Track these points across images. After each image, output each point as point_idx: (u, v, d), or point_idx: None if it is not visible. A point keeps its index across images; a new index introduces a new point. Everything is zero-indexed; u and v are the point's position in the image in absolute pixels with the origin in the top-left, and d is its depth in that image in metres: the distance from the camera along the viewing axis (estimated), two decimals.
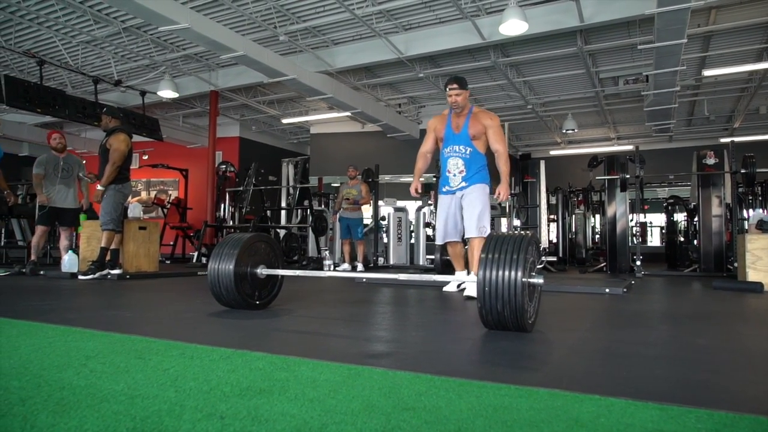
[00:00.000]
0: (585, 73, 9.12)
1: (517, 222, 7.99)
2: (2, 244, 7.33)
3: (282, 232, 9.95)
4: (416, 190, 3.80)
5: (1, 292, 3.78)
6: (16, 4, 6.80)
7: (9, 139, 11.74)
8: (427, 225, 8.83)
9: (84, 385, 1.28)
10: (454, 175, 3.69)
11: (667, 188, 13.34)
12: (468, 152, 3.65)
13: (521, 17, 6.12)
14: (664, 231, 11.42)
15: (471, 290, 3.51)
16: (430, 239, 8.74)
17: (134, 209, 5.80)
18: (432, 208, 8.12)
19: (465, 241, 3.81)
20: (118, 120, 5.25)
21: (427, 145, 3.91)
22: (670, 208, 9.10)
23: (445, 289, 3.98)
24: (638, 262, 6.57)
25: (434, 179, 7.18)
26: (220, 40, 6.65)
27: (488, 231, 3.59)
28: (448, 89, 3.65)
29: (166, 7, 5.96)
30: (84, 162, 5.89)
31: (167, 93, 9.09)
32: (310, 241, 9.56)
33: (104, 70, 9.16)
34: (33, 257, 5.68)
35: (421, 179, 3.91)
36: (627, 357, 1.77)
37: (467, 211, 3.65)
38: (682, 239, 9.02)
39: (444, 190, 3.81)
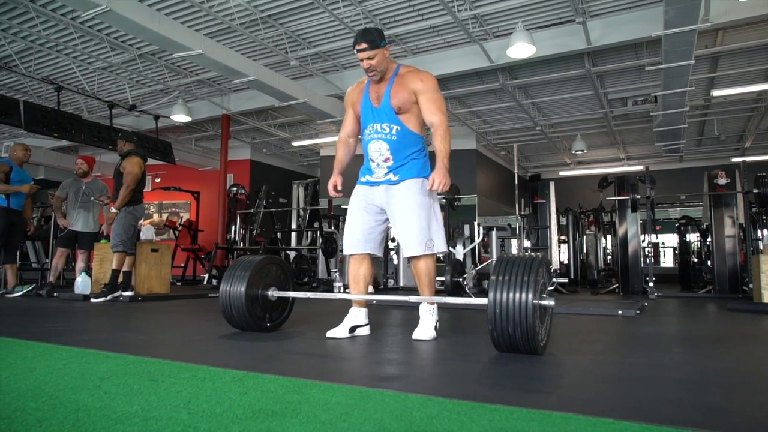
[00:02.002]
0: (593, 95, 9.17)
1: (527, 243, 7.96)
2: (17, 265, 7.44)
3: (292, 254, 9.98)
4: (334, 187, 2.76)
5: (16, 313, 3.83)
6: (36, 33, 7.00)
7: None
8: None
9: (99, 406, 1.29)
10: (378, 165, 2.67)
11: (678, 208, 13.23)
12: (394, 131, 2.61)
13: (528, 40, 6.20)
14: (676, 252, 11.29)
15: (423, 330, 2.61)
16: (440, 261, 8.72)
17: (147, 231, 5.87)
18: None
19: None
20: (132, 144, 5.36)
21: (347, 127, 2.87)
22: (682, 228, 9.02)
23: (329, 333, 2.68)
24: (651, 284, 6.50)
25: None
26: (232, 66, 6.79)
27: (440, 246, 2.65)
28: (356, 51, 2.57)
29: (180, 35, 6.11)
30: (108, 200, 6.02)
31: (180, 117, 9.25)
32: (320, 263, 9.57)
33: (119, 95, 9.36)
34: (51, 279, 5.78)
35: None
36: (641, 380, 1.75)
37: (402, 220, 2.61)
38: (695, 260, 8.92)
39: (362, 179, 2.77)
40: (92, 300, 5.00)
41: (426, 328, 2.62)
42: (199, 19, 6.68)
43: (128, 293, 5.13)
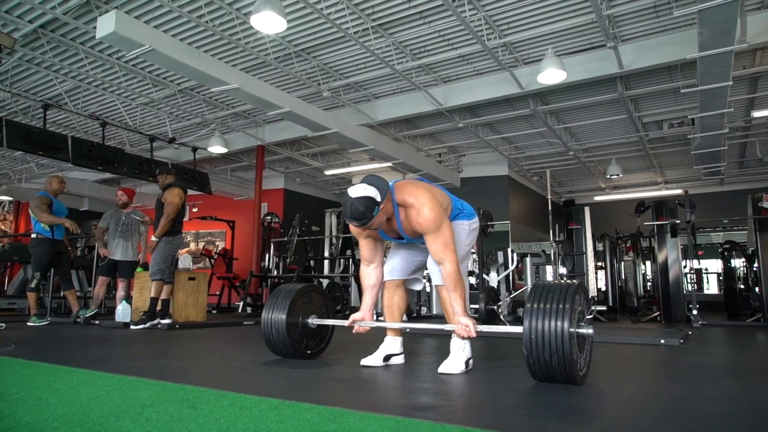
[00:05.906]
0: (627, 118, 9.04)
1: (563, 270, 7.80)
2: (62, 294, 7.72)
3: (325, 282, 10.03)
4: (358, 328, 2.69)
5: (61, 341, 3.95)
6: (85, 72, 7.40)
7: (71, 195, 12.48)
8: (470, 273, 8.72)
9: None
10: None
11: (721, 233, 12.79)
12: None
13: (559, 66, 6.19)
14: (721, 278, 10.87)
15: (451, 364, 2.49)
16: (473, 288, 8.62)
17: (185, 260, 6.01)
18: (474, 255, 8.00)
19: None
20: (172, 176, 5.56)
21: (365, 254, 2.75)
22: (726, 253, 8.69)
23: (363, 362, 2.69)
24: (695, 311, 6.26)
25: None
26: (267, 98, 7.00)
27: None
28: (350, 225, 2.55)
29: (218, 70, 6.36)
30: (146, 218, 6.23)
31: (217, 148, 9.54)
32: (352, 291, 9.57)
33: (159, 129, 9.74)
34: (93, 307, 5.97)
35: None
36: (687, 413, 1.68)
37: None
38: (741, 286, 8.56)
39: None
40: (132, 327, 5.12)
41: (455, 362, 2.50)
42: (235, 54, 6.94)
43: (166, 321, 5.23)
